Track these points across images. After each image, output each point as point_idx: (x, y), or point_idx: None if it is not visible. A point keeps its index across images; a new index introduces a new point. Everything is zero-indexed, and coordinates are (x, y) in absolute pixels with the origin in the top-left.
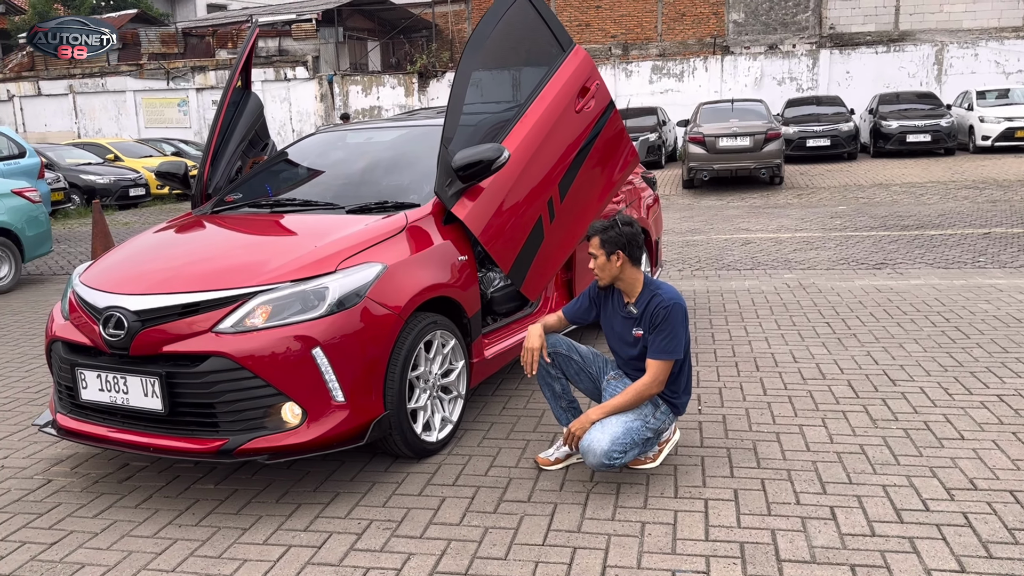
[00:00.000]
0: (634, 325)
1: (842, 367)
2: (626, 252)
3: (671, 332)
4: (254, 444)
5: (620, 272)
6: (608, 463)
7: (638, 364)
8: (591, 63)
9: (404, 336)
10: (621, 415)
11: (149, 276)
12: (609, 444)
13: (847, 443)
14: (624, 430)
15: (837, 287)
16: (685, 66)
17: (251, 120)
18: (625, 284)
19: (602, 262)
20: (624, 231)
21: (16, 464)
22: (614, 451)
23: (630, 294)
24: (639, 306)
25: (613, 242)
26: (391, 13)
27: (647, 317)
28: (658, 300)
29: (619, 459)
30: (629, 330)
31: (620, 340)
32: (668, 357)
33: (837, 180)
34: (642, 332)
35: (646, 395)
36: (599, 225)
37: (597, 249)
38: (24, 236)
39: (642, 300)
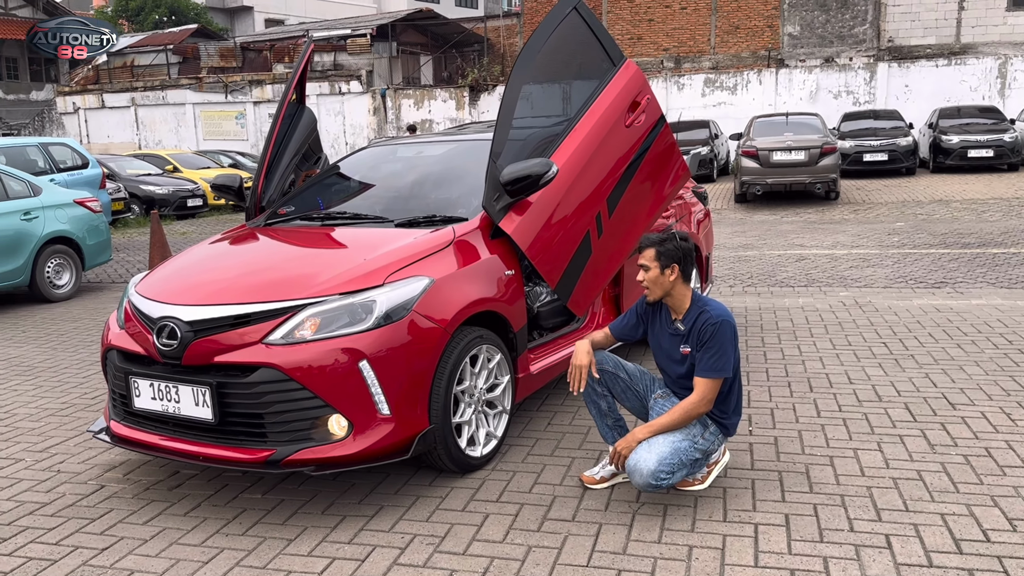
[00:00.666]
0: (681, 342)
1: (899, 389)
2: (681, 267)
3: (719, 349)
4: (301, 455)
5: (672, 287)
6: (655, 484)
7: (686, 383)
8: (642, 77)
9: (450, 350)
10: (669, 435)
11: (202, 287)
12: (656, 464)
13: (904, 469)
14: (672, 450)
15: (895, 306)
16: (738, 79)
17: (305, 134)
18: (674, 300)
19: (655, 275)
20: (681, 245)
21: (71, 469)
22: (661, 471)
23: (678, 310)
24: (687, 323)
25: (669, 255)
26: (444, 28)
27: (695, 334)
28: (706, 316)
29: (666, 480)
30: (676, 347)
31: (668, 358)
32: (716, 375)
33: (895, 196)
34: (689, 349)
35: (694, 414)
36: (655, 237)
37: (651, 261)
38: (85, 245)
39: (690, 316)
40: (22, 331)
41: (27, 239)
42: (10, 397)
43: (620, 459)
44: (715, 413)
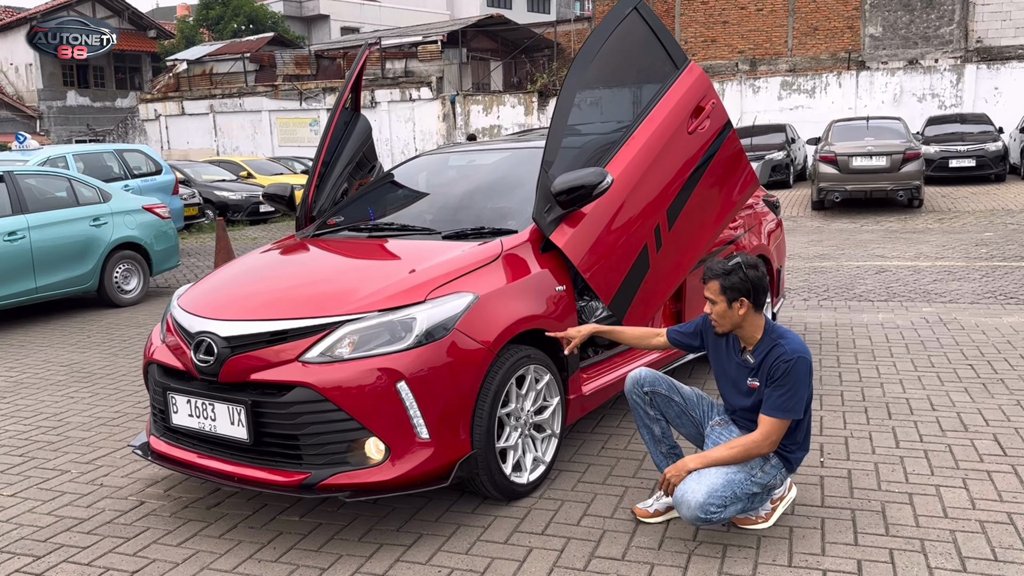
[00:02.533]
0: (750, 375)
1: (987, 418)
2: (751, 299)
3: (792, 388)
4: (336, 480)
5: (742, 320)
6: (704, 517)
7: (749, 415)
8: (707, 81)
9: (494, 370)
10: (723, 466)
11: (241, 301)
12: (705, 496)
13: (992, 511)
14: (724, 482)
15: (982, 324)
16: (817, 82)
17: (359, 142)
18: (745, 332)
19: (722, 309)
20: (749, 275)
21: (113, 483)
22: (711, 504)
23: (749, 341)
24: (757, 355)
25: (736, 288)
26: (514, 33)
27: (765, 368)
28: (780, 352)
29: (717, 514)
30: (744, 379)
31: (733, 387)
32: (785, 416)
33: (983, 204)
34: (758, 384)
35: (754, 453)
36: (719, 268)
37: (717, 295)
38: (152, 251)
39: (761, 349)
40: (87, 336)
41: (96, 244)
42: (66, 404)
43: (669, 487)
44: (779, 446)
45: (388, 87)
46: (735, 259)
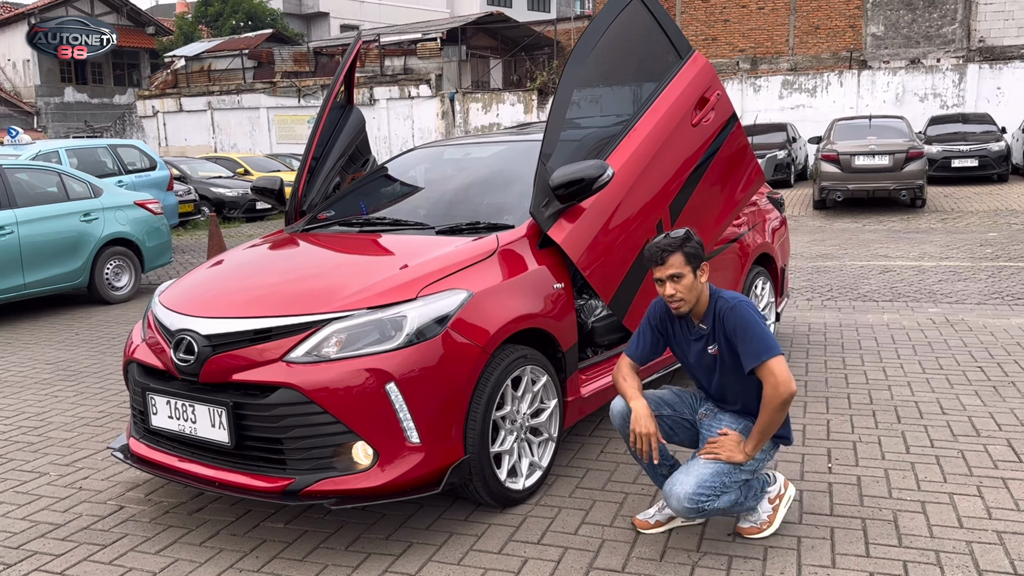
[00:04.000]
0: (708, 343)
1: (999, 422)
2: (707, 263)
3: (752, 330)
4: (321, 486)
5: (701, 290)
6: (695, 508)
7: (728, 390)
8: (712, 71)
9: (489, 371)
10: (703, 464)
11: (224, 298)
12: (694, 487)
13: (1009, 520)
14: (712, 471)
15: (990, 325)
16: (818, 81)
17: (351, 135)
18: (700, 304)
19: (690, 281)
20: (697, 240)
21: (93, 487)
22: (701, 495)
23: (698, 312)
24: (707, 320)
25: (697, 255)
26: (514, 31)
27: (719, 329)
28: (720, 308)
29: (709, 502)
30: (705, 351)
31: (699, 366)
32: (769, 355)
33: (986, 204)
34: (718, 348)
35: (777, 402)
36: (674, 240)
37: (683, 267)
38: (144, 247)
39: (708, 313)
40: (75, 333)
41: (86, 240)
42: (49, 404)
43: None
44: None
45: (387, 84)
46: (679, 230)
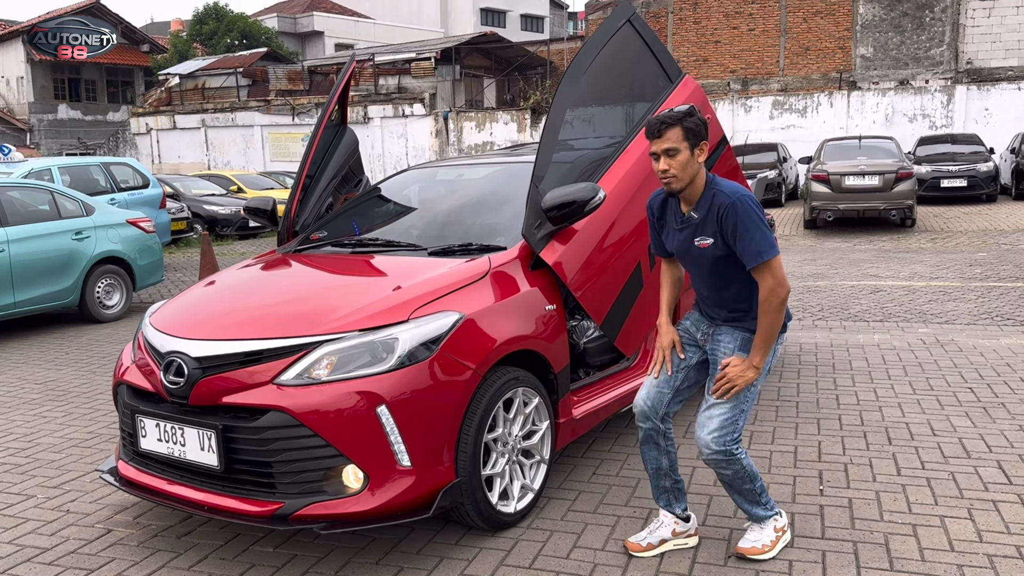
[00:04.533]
0: (696, 234)
1: (990, 444)
2: (707, 142)
3: (753, 229)
4: (311, 510)
5: (697, 171)
6: (722, 449)
7: (715, 286)
8: (702, 94)
9: (481, 393)
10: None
11: (215, 320)
12: (717, 425)
13: (1001, 544)
14: (726, 406)
15: (980, 346)
16: (808, 101)
17: (345, 156)
18: (694, 187)
19: (685, 158)
20: (700, 117)
21: (81, 510)
22: (724, 432)
23: (692, 199)
24: (700, 209)
25: (697, 132)
26: (507, 51)
27: (711, 222)
28: (721, 198)
29: (733, 444)
30: (691, 242)
31: (685, 259)
32: (770, 255)
33: (975, 224)
34: (709, 241)
35: (777, 303)
36: (675, 113)
37: (679, 142)
38: (136, 265)
39: (703, 203)
40: (65, 352)
41: (78, 259)
42: (38, 424)
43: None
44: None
45: (381, 103)
46: (681, 106)
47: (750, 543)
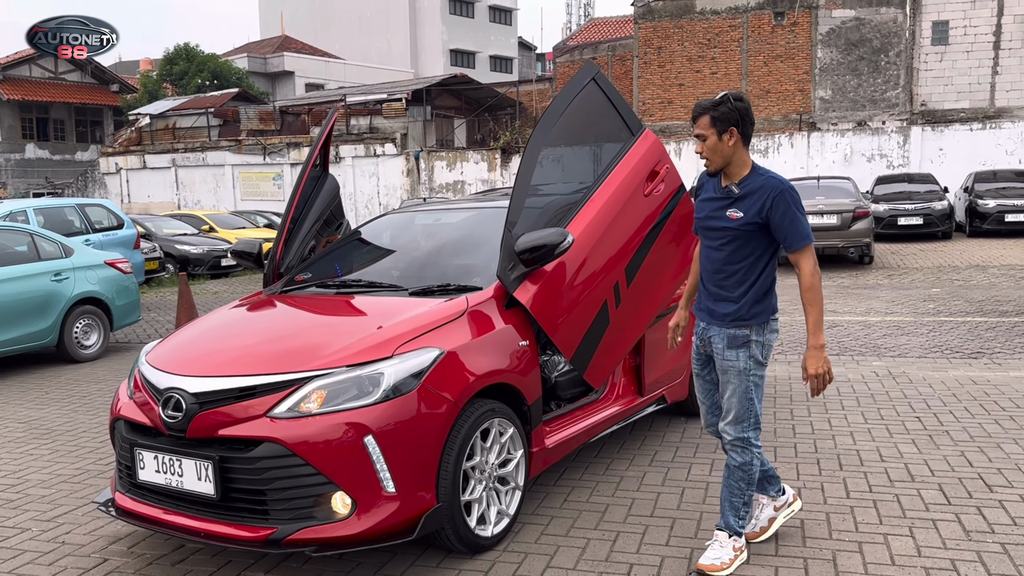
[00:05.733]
0: (731, 206)
1: (933, 468)
2: (740, 129)
3: (799, 217)
4: (302, 535)
5: (732, 153)
6: (742, 436)
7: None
8: (661, 147)
9: (460, 424)
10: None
11: (209, 357)
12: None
13: (937, 558)
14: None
15: (929, 377)
16: (770, 142)
17: (327, 200)
18: (734, 167)
19: (713, 143)
20: (737, 106)
21: (76, 541)
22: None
23: (736, 176)
24: (743, 187)
25: (725, 119)
26: (477, 92)
27: (755, 200)
28: (775, 183)
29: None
30: (723, 213)
31: (709, 229)
32: (808, 240)
33: (930, 260)
34: (739, 214)
35: (815, 282)
36: (707, 103)
37: (707, 128)
38: (114, 305)
39: (748, 182)
40: (45, 392)
41: (56, 300)
42: (25, 462)
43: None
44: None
45: (353, 143)
46: (722, 94)
47: (710, 560)
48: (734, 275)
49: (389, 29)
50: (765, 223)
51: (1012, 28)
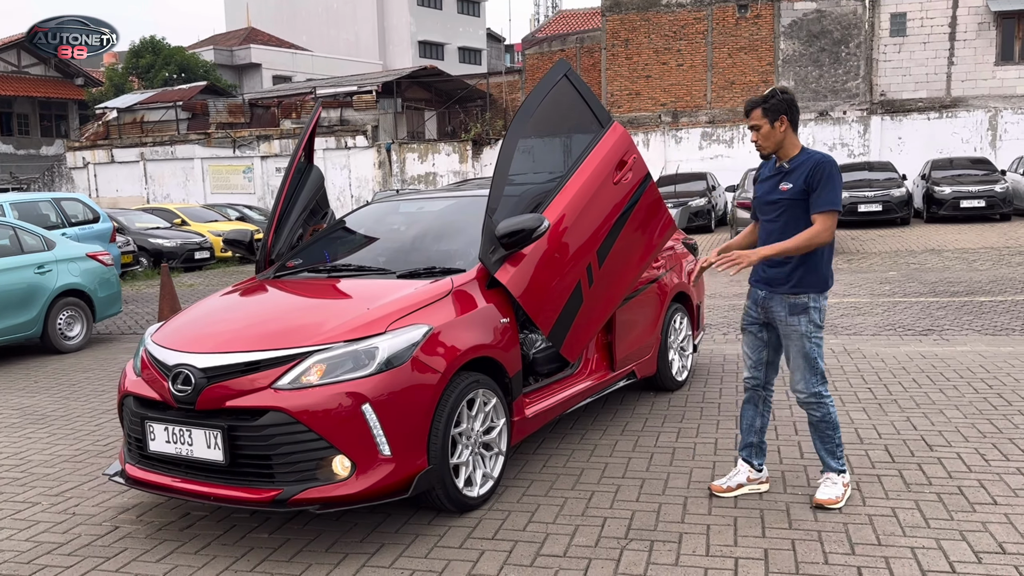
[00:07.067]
0: (782, 180)
1: (880, 432)
2: (789, 117)
3: (831, 185)
4: (306, 495)
5: (783, 138)
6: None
7: (779, 232)
8: (628, 138)
9: (448, 394)
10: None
11: (215, 336)
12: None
13: (879, 506)
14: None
15: (882, 353)
16: (735, 132)
17: (312, 191)
18: (785, 149)
19: (766, 131)
20: (784, 97)
21: (86, 512)
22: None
23: (786, 156)
24: (793, 163)
25: (776, 109)
26: (448, 84)
27: (801, 171)
28: (818, 157)
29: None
30: (776, 187)
31: (764, 203)
32: (833, 207)
33: (889, 245)
34: (789, 186)
35: (815, 242)
36: (758, 98)
37: (760, 119)
38: (96, 297)
39: (797, 159)
40: (34, 381)
41: (40, 292)
42: (25, 444)
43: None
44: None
45: (324, 135)
46: (770, 88)
47: (826, 495)
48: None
49: (356, 20)
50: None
51: (967, 20)
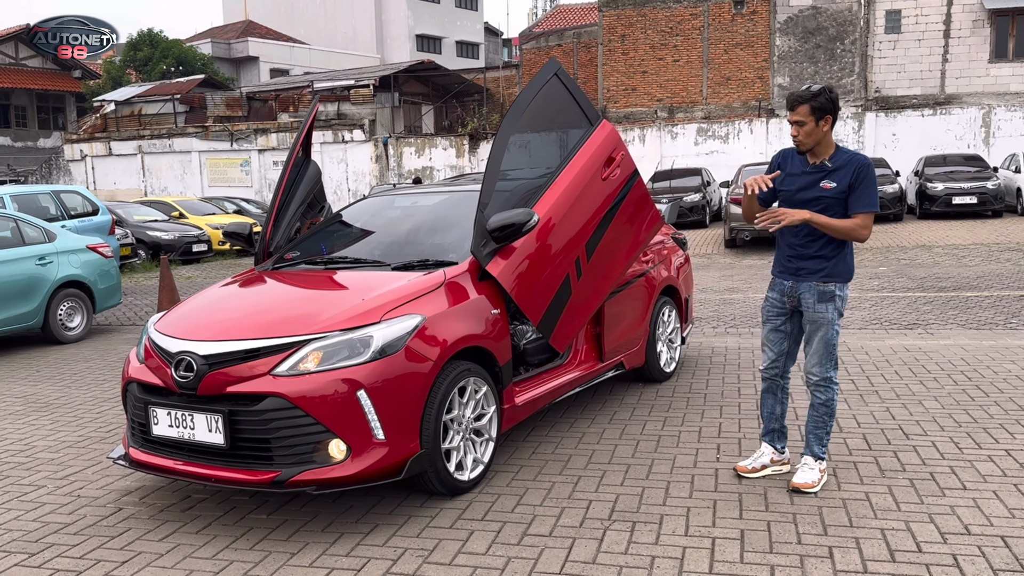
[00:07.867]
0: (824, 178)
1: (860, 422)
2: (833, 116)
3: (872, 187)
4: (304, 476)
5: (824, 136)
6: (825, 375)
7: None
8: (616, 136)
9: (440, 381)
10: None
11: (216, 324)
12: (815, 360)
13: (853, 491)
14: (820, 345)
15: (867, 346)
16: (730, 128)
17: (310, 185)
18: (822, 147)
19: (810, 128)
20: (831, 97)
21: (90, 494)
22: (824, 364)
23: (823, 154)
24: (835, 162)
25: (823, 108)
26: (445, 78)
27: (845, 171)
28: (860, 158)
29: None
30: (816, 184)
31: (799, 200)
32: (873, 208)
33: (880, 241)
34: (833, 184)
35: (853, 236)
36: (805, 93)
37: (806, 116)
38: (96, 289)
39: (838, 158)
40: (36, 370)
41: (41, 283)
42: (29, 431)
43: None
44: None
45: (321, 129)
46: (816, 85)
47: (803, 480)
48: (824, 236)
49: (354, 14)
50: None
51: (961, 17)
